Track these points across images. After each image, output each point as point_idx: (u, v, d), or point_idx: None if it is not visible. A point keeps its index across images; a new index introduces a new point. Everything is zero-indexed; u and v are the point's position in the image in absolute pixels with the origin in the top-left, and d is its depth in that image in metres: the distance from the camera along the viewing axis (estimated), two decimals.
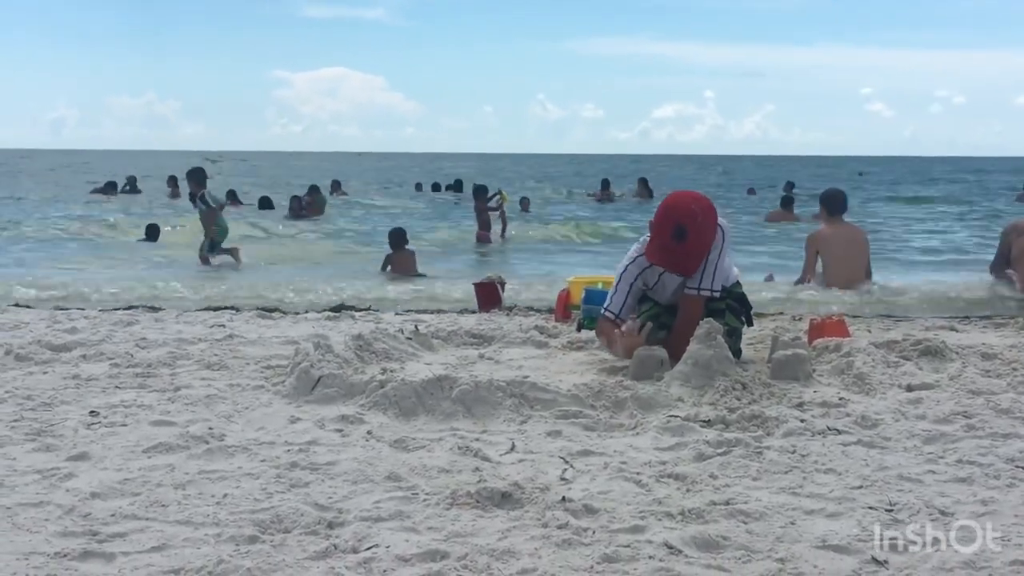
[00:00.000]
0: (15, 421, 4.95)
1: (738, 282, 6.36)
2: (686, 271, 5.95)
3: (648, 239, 6.02)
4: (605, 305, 6.24)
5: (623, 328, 5.99)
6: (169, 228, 21.16)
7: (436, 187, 40.75)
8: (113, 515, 3.66)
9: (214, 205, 15.67)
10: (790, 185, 36.69)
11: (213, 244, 15.58)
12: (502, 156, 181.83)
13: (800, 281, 11.05)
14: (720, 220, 5.99)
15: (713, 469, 4.15)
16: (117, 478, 4.08)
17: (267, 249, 19.15)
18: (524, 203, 29.55)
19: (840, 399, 5.21)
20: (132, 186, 36.02)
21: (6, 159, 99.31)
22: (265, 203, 29.88)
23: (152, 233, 19.99)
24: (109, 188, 35.78)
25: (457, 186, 39.49)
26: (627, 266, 6.17)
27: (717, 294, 6.04)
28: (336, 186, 37.88)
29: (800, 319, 7.93)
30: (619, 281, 6.20)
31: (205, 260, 15.52)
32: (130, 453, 4.44)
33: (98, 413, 5.11)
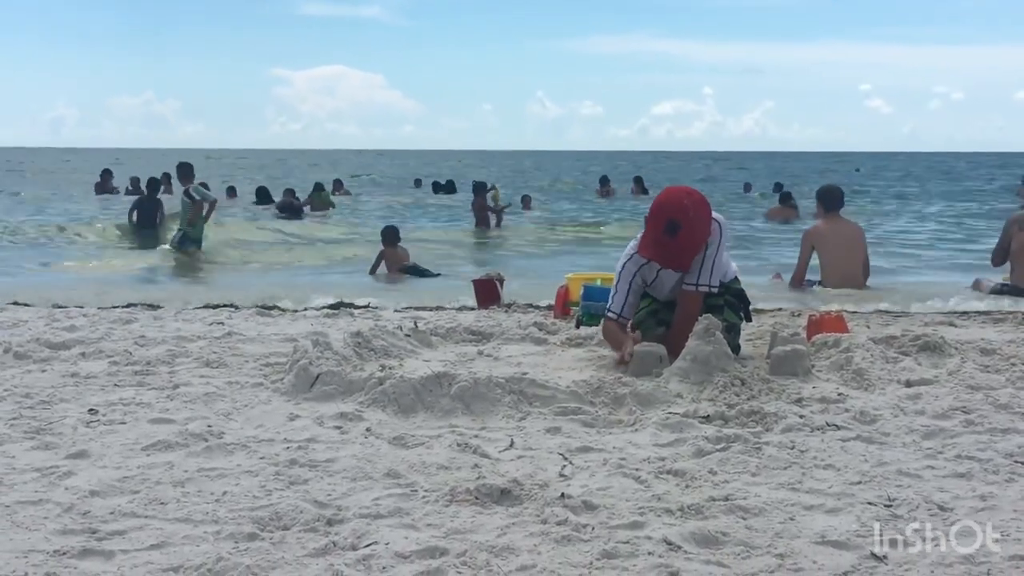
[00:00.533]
0: (14, 419, 4.95)
1: (737, 278, 6.36)
2: (680, 266, 5.95)
3: (643, 235, 6.03)
4: (607, 306, 6.22)
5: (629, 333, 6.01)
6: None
7: (436, 186, 40.58)
8: (112, 513, 3.66)
9: (198, 198, 16.03)
10: (779, 186, 36.93)
11: (185, 236, 15.92)
12: (509, 154, 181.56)
13: (795, 277, 11.06)
14: (717, 216, 5.99)
15: (712, 465, 4.15)
16: (116, 476, 4.08)
17: (271, 248, 19.17)
18: (526, 201, 29.51)
19: (839, 395, 5.22)
20: (135, 187, 35.92)
21: (9, 156, 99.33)
22: (262, 194, 29.87)
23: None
24: (106, 175, 35.66)
25: (449, 187, 38.80)
26: (624, 264, 6.16)
27: (715, 290, 6.04)
28: (339, 185, 37.88)
29: (799, 315, 7.92)
30: (618, 280, 6.18)
31: (175, 247, 16.19)
32: (129, 451, 4.44)
33: (97, 411, 5.11)
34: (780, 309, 8.66)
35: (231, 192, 32.07)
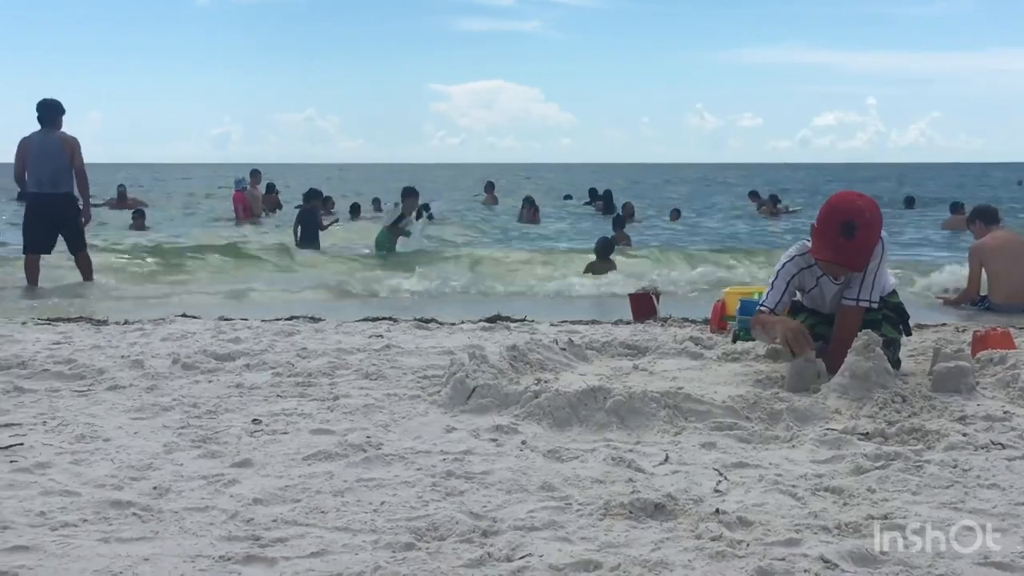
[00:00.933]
0: (182, 428, 5.11)
1: (895, 291, 6.24)
2: (856, 266, 5.83)
3: (809, 241, 5.95)
4: (760, 301, 6.18)
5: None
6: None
7: (593, 193, 40.16)
8: (275, 520, 3.75)
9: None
10: (911, 200, 36.31)
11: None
12: (666, 167, 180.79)
13: (966, 294, 10.86)
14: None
15: (871, 483, 4.07)
16: (278, 484, 4.18)
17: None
18: (673, 215, 30.48)
19: (1005, 412, 5.07)
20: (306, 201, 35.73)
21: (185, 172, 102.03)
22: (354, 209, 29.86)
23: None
24: (317, 197, 35.43)
25: (607, 197, 37.75)
26: (784, 264, 6.11)
27: (875, 305, 5.94)
28: (490, 187, 39.80)
29: (964, 330, 7.73)
30: (776, 278, 6.13)
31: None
32: (291, 460, 4.54)
33: (260, 421, 5.23)
34: (944, 324, 8.46)
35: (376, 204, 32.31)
